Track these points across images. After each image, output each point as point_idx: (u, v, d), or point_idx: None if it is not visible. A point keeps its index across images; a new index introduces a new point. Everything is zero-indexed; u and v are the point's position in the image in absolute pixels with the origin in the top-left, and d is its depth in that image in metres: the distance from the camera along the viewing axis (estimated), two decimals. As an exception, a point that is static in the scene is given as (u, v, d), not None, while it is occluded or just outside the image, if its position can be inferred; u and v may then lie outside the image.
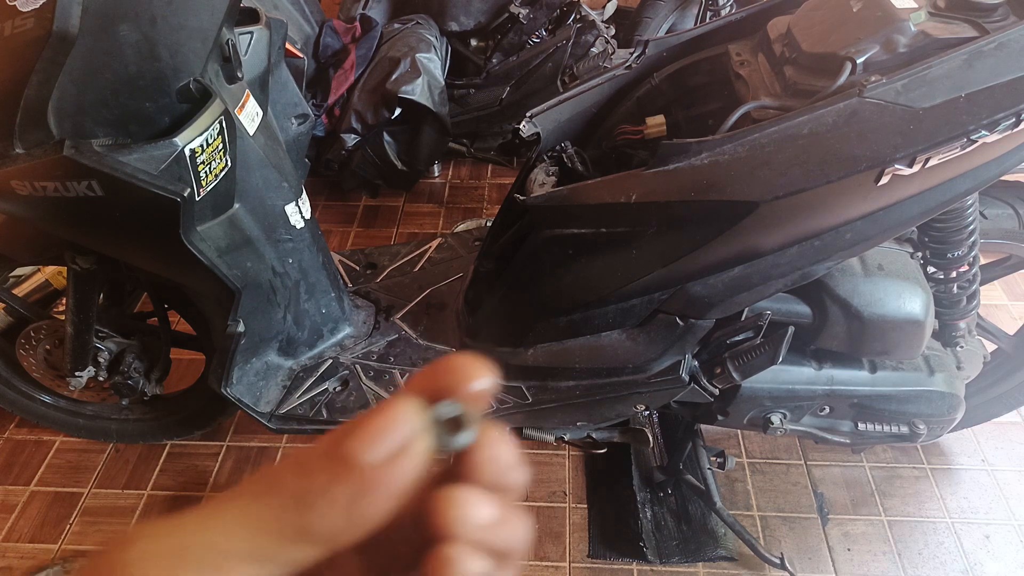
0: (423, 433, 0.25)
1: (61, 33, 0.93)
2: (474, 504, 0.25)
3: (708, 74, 1.22)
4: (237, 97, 1.17)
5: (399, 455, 0.24)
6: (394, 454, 0.24)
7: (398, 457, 0.24)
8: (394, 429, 0.24)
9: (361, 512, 0.24)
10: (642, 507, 1.55)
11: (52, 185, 1.02)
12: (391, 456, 0.24)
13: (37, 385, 1.60)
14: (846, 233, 1.04)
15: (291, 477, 0.24)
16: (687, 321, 1.17)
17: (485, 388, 0.26)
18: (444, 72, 2.34)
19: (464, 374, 0.26)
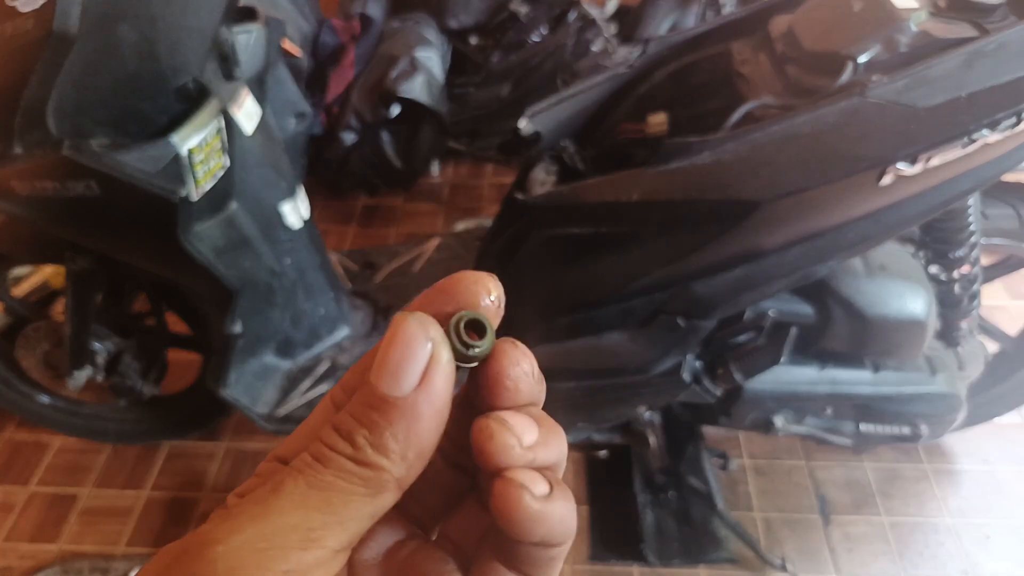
0: (443, 344, 0.24)
1: (61, 34, 0.93)
2: (518, 427, 0.25)
3: (709, 73, 1.22)
4: (235, 96, 1.16)
5: (429, 373, 0.24)
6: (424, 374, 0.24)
7: (429, 375, 0.24)
8: (414, 351, 0.24)
9: (420, 442, 0.24)
10: (643, 509, 1.55)
11: (51, 185, 1.02)
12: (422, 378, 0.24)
13: (36, 385, 1.60)
14: (848, 233, 1.04)
15: (336, 442, 0.24)
16: (689, 321, 1.17)
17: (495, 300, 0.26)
18: (445, 70, 2.34)
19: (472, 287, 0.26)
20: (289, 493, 0.23)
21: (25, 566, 1.51)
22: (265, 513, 0.23)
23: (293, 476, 0.23)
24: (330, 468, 0.23)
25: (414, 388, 0.23)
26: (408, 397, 0.23)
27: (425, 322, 0.24)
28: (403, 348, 0.24)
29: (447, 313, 0.25)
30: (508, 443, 0.24)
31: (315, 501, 0.23)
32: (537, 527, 0.24)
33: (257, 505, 0.23)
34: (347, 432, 0.24)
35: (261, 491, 0.23)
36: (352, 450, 0.23)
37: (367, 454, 0.23)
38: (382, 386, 0.23)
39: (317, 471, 0.23)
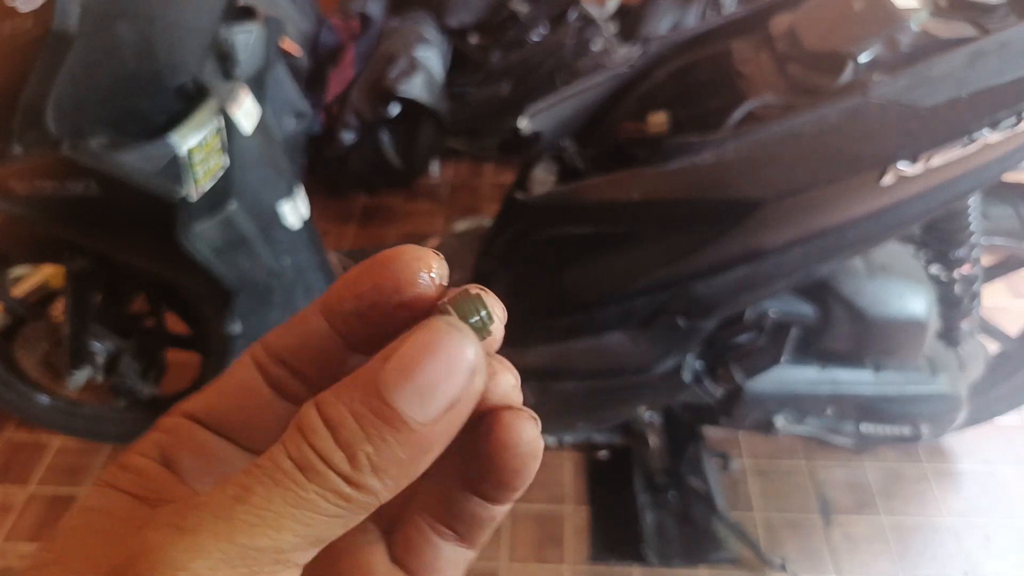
0: (483, 368, 0.21)
1: (60, 33, 0.93)
2: (504, 371, 0.23)
3: (710, 72, 1.22)
4: (234, 95, 1.16)
5: (461, 404, 0.20)
6: (454, 403, 0.20)
7: (461, 406, 0.20)
8: (455, 376, 0.20)
9: (420, 470, 0.20)
10: (643, 509, 1.55)
11: (50, 184, 1.01)
12: (450, 406, 0.20)
13: (35, 385, 1.60)
14: (849, 232, 1.03)
15: (328, 449, 0.19)
16: (689, 322, 1.16)
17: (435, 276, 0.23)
18: (445, 69, 2.34)
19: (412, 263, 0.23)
20: (260, 508, 0.19)
21: (25, 566, 1.51)
22: (230, 531, 0.19)
23: (265, 485, 0.19)
24: (315, 484, 0.19)
25: (438, 417, 0.20)
26: (428, 425, 0.20)
27: (473, 342, 0.21)
28: (443, 370, 0.20)
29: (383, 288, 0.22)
30: (511, 380, 0.23)
31: (290, 521, 0.19)
32: (536, 463, 0.23)
33: (220, 518, 0.19)
34: (347, 442, 0.19)
35: (222, 496, 0.19)
36: (349, 468, 0.19)
37: (364, 477, 0.19)
38: (403, 404, 0.19)
39: (299, 486, 0.19)
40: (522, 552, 1.48)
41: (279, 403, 0.24)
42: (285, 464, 0.19)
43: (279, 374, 0.24)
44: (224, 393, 0.24)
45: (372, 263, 0.23)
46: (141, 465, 0.23)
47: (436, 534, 0.25)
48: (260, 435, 0.25)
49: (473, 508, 0.24)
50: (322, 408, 0.20)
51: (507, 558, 1.47)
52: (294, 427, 0.20)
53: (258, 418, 0.24)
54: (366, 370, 0.20)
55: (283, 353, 0.24)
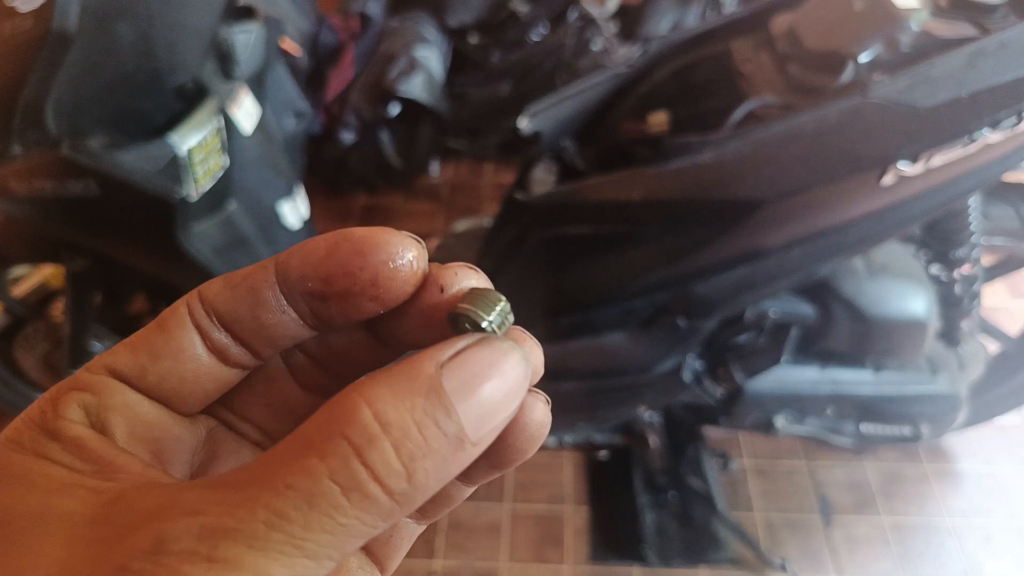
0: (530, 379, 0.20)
1: (59, 33, 0.93)
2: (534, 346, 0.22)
3: (711, 71, 1.22)
4: (234, 95, 1.16)
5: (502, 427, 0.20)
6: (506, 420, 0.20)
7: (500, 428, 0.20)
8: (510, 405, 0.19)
9: (446, 480, 0.19)
10: (644, 510, 1.55)
11: (50, 184, 1.01)
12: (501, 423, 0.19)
13: (35, 385, 1.60)
14: (849, 232, 1.03)
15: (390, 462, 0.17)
16: (690, 322, 1.16)
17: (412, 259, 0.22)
18: (445, 69, 2.33)
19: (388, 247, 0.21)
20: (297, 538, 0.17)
21: None
22: (268, 565, 0.16)
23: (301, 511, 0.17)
24: (358, 507, 0.17)
25: (487, 437, 0.19)
26: (477, 444, 0.19)
27: (529, 366, 0.20)
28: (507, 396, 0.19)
29: (357, 278, 0.21)
30: (539, 356, 0.22)
31: (328, 548, 0.17)
32: (539, 444, 0.22)
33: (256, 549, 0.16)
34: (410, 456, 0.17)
35: (252, 521, 0.17)
36: (407, 485, 0.17)
37: (415, 494, 0.18)
38: (467, 426, 0.18)
39: (340, 512, 0.17)
40: (522, 552, 1.48)
41: (218, 368, 0.23)
42: (326, 486, 0.17)
43: (222, 342, 0.22)
44: (157, 354, 0.22)
45: (341, 245, 0.21)
46: (77, 435, 0.20)
47: None
48: (192, 402, 0.23)
49: (447, 488, 0.23)
50: (379, 408, 0.17)
51: (507, 558, 1.47)
52: (336, 432, 0.17)
53: (194, 383, 0.22)
54: (420, 371, 0.18)
55: (227, 318, 0.22)
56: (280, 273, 0.22)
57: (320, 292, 0.21)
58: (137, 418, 0.22)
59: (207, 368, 0.22)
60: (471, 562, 1.47)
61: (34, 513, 0.18)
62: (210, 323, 0.22)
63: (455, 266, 0.22)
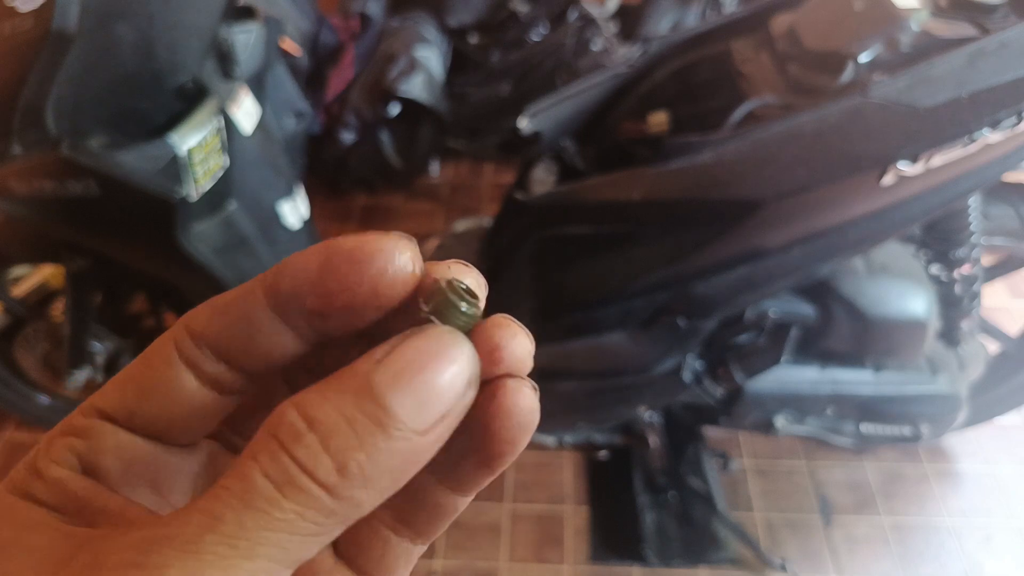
0: (477, 379, 0.20)
1: (59, 33, 0.93)
2: (522, 335, 0.21)
3: (711, 71, 1.22)
4: (234, 95, 1.16)
5: (453, 413, 0.19)
6: (447, 413, 0.19)
7: (452, 415, 0.19)
8: (454, 391, 0.19)
9: (407, 477, 0.19)
10: (644, 510, 1.55)
11: (50, 184, 1.01)
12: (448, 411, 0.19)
13: (35, 385, 1.60)
14: (849, 232, 1.03)
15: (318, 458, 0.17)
16: (690, 321, 1.16)
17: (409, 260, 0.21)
18: (445, 69, 2.33)
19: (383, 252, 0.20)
20: (232, 537, 0.17)
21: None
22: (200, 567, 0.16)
23: (235, 510, 0.17)
24: (295, 501, 0.17)
25: (432, 426, 0.19)
26: (422, 434, 0.18)
27: (472, 353, 0.20)
28: (444, 380, 0.19)
29: (357, 292, 0.20)
30: (527, 346, 0.21)
31: (265, 546, 0.17)
32: (528, 436, 0.21)
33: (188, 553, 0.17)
34: (337, 448, 0.17)
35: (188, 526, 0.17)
36: (337, 479, 0.17)
37: (352, 487, 0.18)
38: (400, 409, 0.18)
39: (274, 506, 0.17)
40: (522, 552, 1.48)
41: (212, 399, 0.22)
42: (259, 482, 0.17)
43: (216, 372, 0.22)
44: (145, 394, 0.21)
45: (334, 258, 0.20)
46: (59, 476, 0.20)
47: (388, 528, 0.23)
48: (188, 434, 0.23)
49: (437, 499, 0.23)
50: (306, 409, 0.18)
51: (507, 558, 1.47)
52: (267, 435, 0.18)
53: (187, 417, 0.22)
54: (354, 371, 0.19)
55: (220, 347, 0.21)
56: (271, 294, 0.21)
57: (320, 310, 0.21)
58: (130, 457, 0.22)
59: (198, 402, 0.22)
60: (471, 562, 1.47)
61: (5, 543, 0.19)
62: (201, 355, 0.21)
63: (449, 263, 0.22)
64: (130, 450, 0.22)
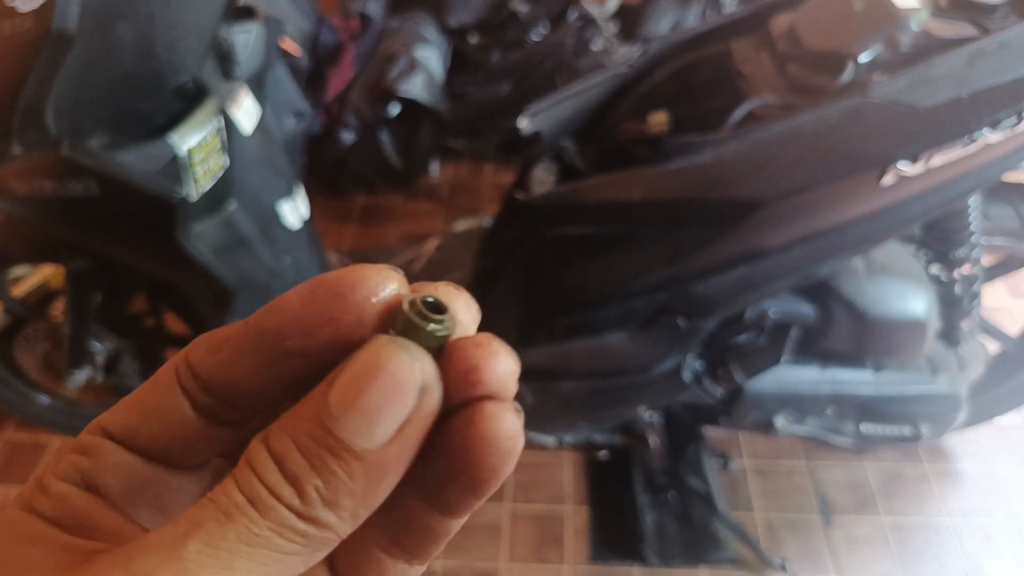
0: (436, 387, 0.20)
1: (59, 33, 0.93)
2: (504, 352, 0.21)
3: (711, 71, 1.22)
4: (234, 95, 1.16)
5: (411, 425, 0.19)
6: (404, 425, 0.19)
7: (410, 428, 0.19)
8: (400, 399, 0.19)
9: (377, 499, 0.19)
10: (644, 510, 1.55)
11: (50, 184, 1.01)
12: (401, 429, 0.19)
13: (35, 386, 1.60)
14: (849, 232, 1.04)
15: (276, 483, 0.18)
16: (690, 322, 1.16)
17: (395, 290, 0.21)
18: (445, 69, 2.33)
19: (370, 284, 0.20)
20: (212, 546, 0.18)
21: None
22: (183, 572, 0.17)
23: (217, 520, 0.18)
24: (268, 520, 0.18)
25: (389, 441, 0.19)
26: (378, 451, 0.19)
27: (420, 359, 0.19)
28: (387, 392, 0.19)
29: (342, 323, 0.20)
30: (510, 365, 0.21)
31: (244, 561, 0.18)
32: (513, 461, 0.20)
33: (171, 559, 0.17)
34: (293, 476, 0.18)
35: (173, 533, 0.18)
36: (300, 502, 0.18)
37: (316, 511, 0.18)
38: (348, 432, 0.18)
39: (252, 522, 0.18)
40: (522, 552, 1.48)
41: (209, 428, 0.22)
42: (238, 498, 0.18)
43: (207, 403, 0.22)
44: (147, 416, 0.22)
45: (317, 292, 0.20)
46: (63, 491, 0.21)
47: (382, 551, 0.23)
48: (190, 458, 0.23)
49: (428, 522, 0.22)
50: (269, 441, 0.19)
51: (507, 558, 1.47)
52: (244, 461, 0.19)
53: (186, 442, 0.22)
54: (311, 399, 0.19)
55: (213, 383, 0.22)
56: (256, 336, 0.21)
57: (302, 349, 0.20)
58: (131, 476, 0.22)
59: (197, 429, 0.22)
60: (471, 562, 1.47)
61: (6, 559, 0.19)
62: (194, 384, 0.22)
63: (439, 284, 0.22)
64: (131, 470, 0.22)
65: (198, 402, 0.22)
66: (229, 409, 0.22)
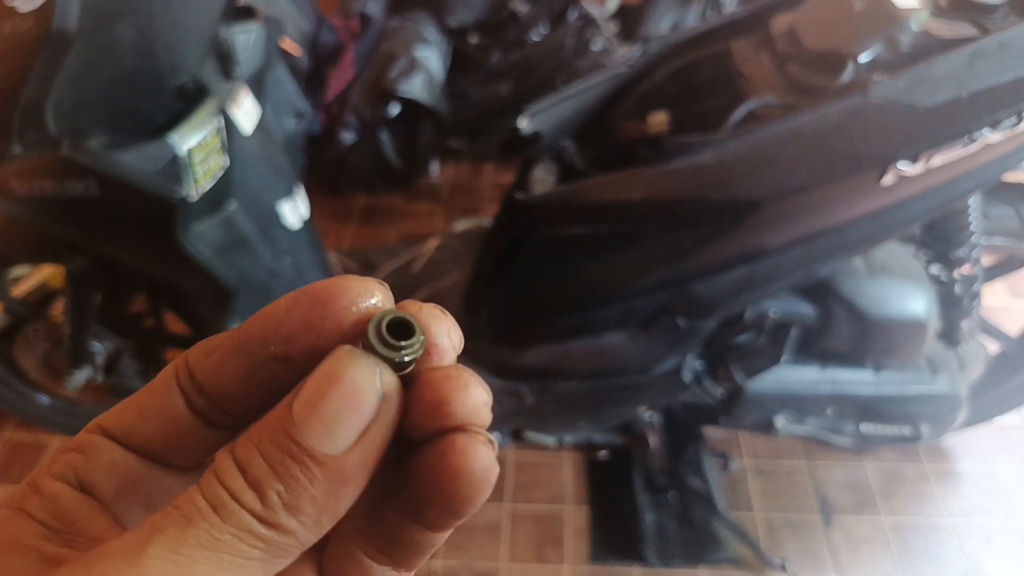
0: (396, 395, 0.20)
1: (60, 33, 0.93)
2: (476, 384, 0.21)
3: (711, 72, 1.22)
4: (234, 95, 1.16)
5: (372, 432, 0.20)
6: (365, 432, 0.19)
7: (371, 434, 0.20)
8: (359, 405, 0.19)
9: (341, 506, 0.20)
10: (643, 510, 1.55)
11: (50, 184, 1.01)
12: (362, 435, 0.19)
13: (35, 385, 1.60)
14: (849, 232, 1.04)
15: (239, 489, 0.19)
16: (690, 321, 1.16)
17: (378, 303, 0.21)
18: (445, 69, 2.33)
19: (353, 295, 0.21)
20: (171, 551, 0.18)
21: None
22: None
23: (178, 525, 0.18)
24: (230, 524, 0.18)
25: (349, 448, 0.19)
26: (339, 457, 0.19)
27: (377, 367, 0.20)
28: (346, 399, 0.19)
29: (322, 330, 0.21)
30: (481, 396, 0.21)
31: (204, 566, 0.18)
32: (488, 490, 0.21)
33: (132, 564, 0.18)
34: (256, 481, 0.19)
35: (133, 535, 0.18)
36: (261, 507, 0.19)
37: (278, 515, 0.19)
38: (310, 438, 0.19)
39: (213, 526, 0.18)
40: (522, 552, 1.48)
41: (203, 429, 0.23)
42: (200, 503, 0.19)
43: (202, 404, 0.23)
44: (144, 414, 0.23)
45: (300, 300, 0.21)
46: (55, 491, 0.21)
47: (369, 557, 0.23)
48: (184, 458, 0.23)
49: (412, 535, 0.23)
50: (234, 450, 0.20)
51: (507, 558, 1.47)
52: (209, 469, 0.20)
53: (181, 442, 0.23)
54: (278, 408, 0.20)
55: (206, 386, 0.22)
56: (243, 341, 0.21)
57: (283, 354, 0.21)
58: (125, 475, 0.22)
59: (192, 429, 0.23)
60: (471, 562, 1.47)
61: None
62: (191, 385, 0.22)
63: (423, 305, 0.22)
64: (125, 467, 0.22)
65: (194, 404, 0.22)
66: (222, 413, 0.23)
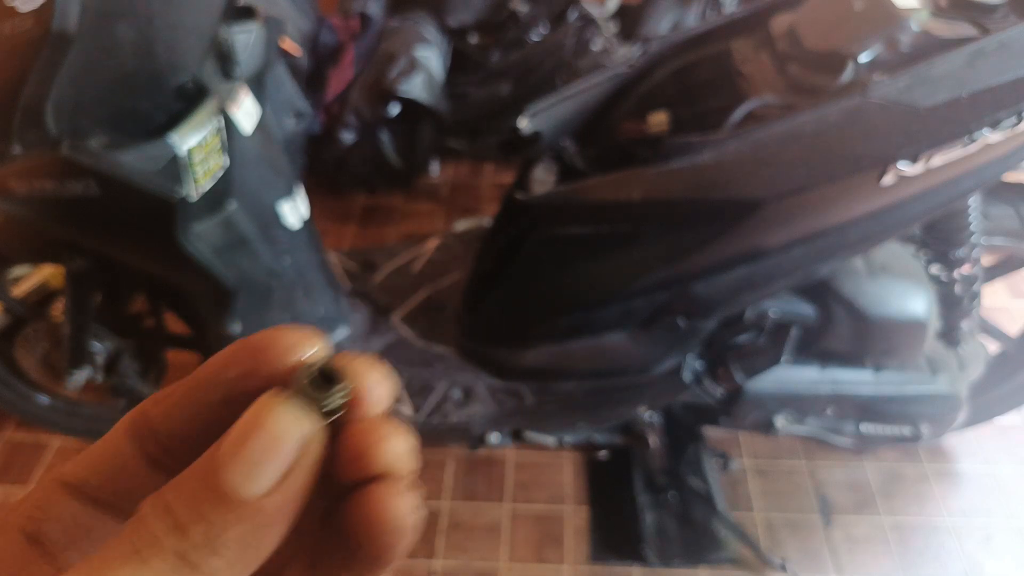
0: (318, 440, 0.21)
1: (60, 33, 0.93)
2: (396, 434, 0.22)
3: (711, 72, 1.22)
4: (234, 95, 1.16)
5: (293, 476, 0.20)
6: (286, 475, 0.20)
7: (293, 478, 0.20)
8: (281, 449, 0.20)
9: (263, 547, 0.20)
10: (644, 510, 1.55)
11: (50, 184, 1.01)
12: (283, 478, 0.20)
13: (35, 385, 1.60)
14: (849, 232, 1.04)
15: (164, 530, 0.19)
16: (689, 322, 1.16)
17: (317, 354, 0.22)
18: (445, 69, 2.33)
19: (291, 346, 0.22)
20: None
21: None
22: None
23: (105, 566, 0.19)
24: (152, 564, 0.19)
25: (270, 491, 0.19)
26: (260, 500, 0.19)
27: (301, 413, 0.20)
28: (267, 443, 0.19)
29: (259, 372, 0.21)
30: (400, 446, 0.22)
31: None
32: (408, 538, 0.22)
33: None
34: (178, 523, 0.19)
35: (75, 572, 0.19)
36: (184, 548, 0.19)
37: (200, 556, 0.19)
38: (231, 482, 0.19)
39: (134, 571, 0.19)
40: (522, 552, 1.48)
41: (155, 476, 0.23)
42: (123, 548, 0.19)
43: (156, 452, 0.23)
44: (97, 465, 0.23)
45: (246, 347, 0.22)
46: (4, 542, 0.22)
47: None
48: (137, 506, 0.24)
49: None
50: (162, 494, 0.20)
51: (507, 558, 1.47)
52: (137, 513, 0.20)
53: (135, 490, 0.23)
54: (207, 452, 0.20)
55: (160, 431, 0.23)
56: (192, 387, 0.22)
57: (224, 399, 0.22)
58: (76, 526, 0.23)
59: (146, 479, 0.23)
60: (471, 562, 1.47)
61: None
62: (148, 433, 0.23)
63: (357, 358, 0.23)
64: (77, 519, 0.23)
65: (149, 452, 0.23)
66: (175, 460, 0.23)
